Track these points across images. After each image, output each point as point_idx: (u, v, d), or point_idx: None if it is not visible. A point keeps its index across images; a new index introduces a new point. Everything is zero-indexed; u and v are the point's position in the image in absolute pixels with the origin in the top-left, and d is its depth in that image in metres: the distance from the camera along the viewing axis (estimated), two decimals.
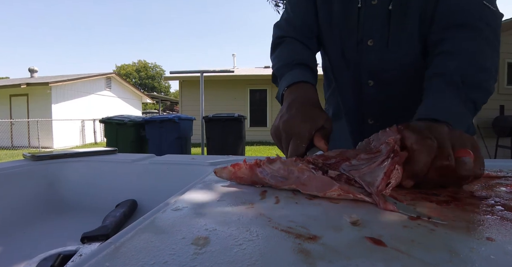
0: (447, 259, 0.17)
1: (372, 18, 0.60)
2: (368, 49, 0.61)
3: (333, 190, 0.28)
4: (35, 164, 0.57)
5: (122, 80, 13.94)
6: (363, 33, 0.61)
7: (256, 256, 0.17)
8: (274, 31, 0.73)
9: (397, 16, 0.57)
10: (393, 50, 0.60)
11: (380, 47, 0.60)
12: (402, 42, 0.59)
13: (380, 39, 0.60)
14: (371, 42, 0.61)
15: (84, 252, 0.34)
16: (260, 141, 9.24)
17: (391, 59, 0.61)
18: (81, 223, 0.50)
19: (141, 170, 0.58)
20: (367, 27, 0.60)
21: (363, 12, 0.60)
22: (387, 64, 0.61)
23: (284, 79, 0.60)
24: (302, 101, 0.50)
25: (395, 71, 0.62)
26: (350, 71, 0.66)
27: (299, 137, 0.44)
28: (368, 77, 0.64)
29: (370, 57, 0.62)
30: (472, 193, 0.31)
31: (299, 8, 0.69)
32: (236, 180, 0.36)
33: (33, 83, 9.62)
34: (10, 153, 7.90)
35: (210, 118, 4.20)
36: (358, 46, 0.62)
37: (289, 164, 0.34)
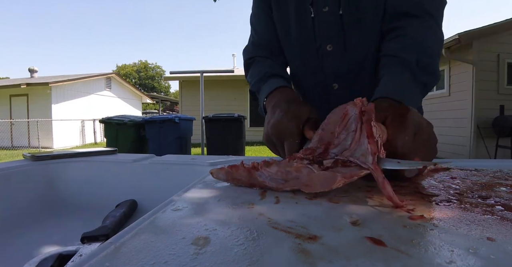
0: (447, 259, 0.17)
1: (325, 24, 0.62)
2: (328, 54, 0.64)
3: (337, 182, 0.28)
4: (35, 164, 0.57)
5: (122, 80, 13.94)
6: (321, 39, 0.64)
7: (256, 256, 0.17)
8: (243, 55, 0.77)
9: (349, 18, 0.60)
10: (352, 52, 0.62)
11: (339, 50, 0.63)
12: (360, 42, 0.62)
13: (337, 43, 0.63)
14: (330, 46, 0.63)
15: (84, 252, 0.34)
16: (260, 141, 9.23)
17: (352, 60, 0.63)
18: (81, 223, 0.50)
19: (141, 170, 0.58)
20: (323, 33, 0.63)
21: (317, 20, 0.63)
22: (349, 66, 0.64)
23: (262, 91, 0.63)
24: (283, 101, 0.51)
25: (357, 71, 0.64)
26: (314, 77, 0.68)
27: (289, 135, 0.45)
28: (332, 81, 0.66)
29: (331, 61, 0.64)
30: (472, 193, 0.31)
31: (261, 29, 0.73)
32: (233, 181, 0.36)
33: (33, 83, 9.62)
34: (10, 153, 7.90)
35: (210, 118, 4.19)
36: (318, 52, 0.65)
37: (285, 165, 0.33)
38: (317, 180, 0.30)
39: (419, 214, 0.24)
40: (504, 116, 4.64)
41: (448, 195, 0.30)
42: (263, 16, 0.72)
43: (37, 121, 9.05)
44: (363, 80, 0.64)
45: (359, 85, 0.64)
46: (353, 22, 0.60)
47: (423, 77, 0.50)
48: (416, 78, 0.50)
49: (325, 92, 0.68)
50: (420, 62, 0.50)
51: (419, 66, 0.50)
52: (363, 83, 0.64)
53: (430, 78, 0.52)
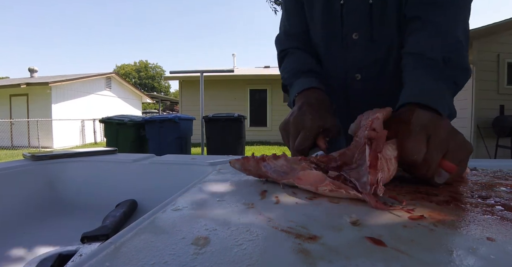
0: (447, 259, 0.17)
1: (354, 12, 0.61)
2: (354, 43, 0.63)
3: (324, 184, 0.29)
4: (35, 164, 0.57)
5: (122, 80, 13.94)
6: (347, 27, 0.62)
7: (256, 256, 0.17)
8: (276, 45, 0.76)
9: (378, 8, 0.59)
10: (377, 43, 0.61)
11: (365, 40, 0.62)
12: (385, 33, 0.60)
13: (364, 32, 0.61)
14: (356, 35, 0.62)
15: (84, 252, 0.34)
16: (260, 141, 9.24)
17: (377, 51, 0.62)
18: (81, 223, 0.50)
19: (141, 170, 0.58)
20: (350, 21, 0.62)
21: (345, 7, 0.61)
22: (373, 57, 0.62)
23: (293, 88, 0.62)
24: (313, 103, 0.52)
25: (381, 63, 0.63)
26: (337, 66, 0.67)
27: (308, 130, 0.46)
28: (355, 71, 0.65)
29: (356, 51, 0.63)
30: (472, 193, 0.31)
31: (293, 18, 0.72)
32: (245, 171, 0.39)
33: (33, 83, 9.61)
34: (10, 153, 7.89)
35: (210, 118, 4.19)
36: (343, 41, 0.64)
37: (292, 162, 0.35)
38: (308, 176, 0.31)
39: (419, 214, 0.24)
40: (504, 116, 4.64)
41: (448, 195, 0.30)
42: (293, 4, 0.71)
43: (37, 121, 9.04)
44: (386, 72, 0.63)
45: (381, 77, 0.63)
46: (381, 11, 0.59)
47: (452, 74, 0.47)
48: (444, 77, 0.46)
49: (346, 82, 0.67)
50: (447, 59, 0.47)
51: (447, 63, 0.47)
52: (386, 75, 0.63)
53: (460, 75, 0.48)
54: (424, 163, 0.32)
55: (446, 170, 0.32)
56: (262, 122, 9.56)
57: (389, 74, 0.63)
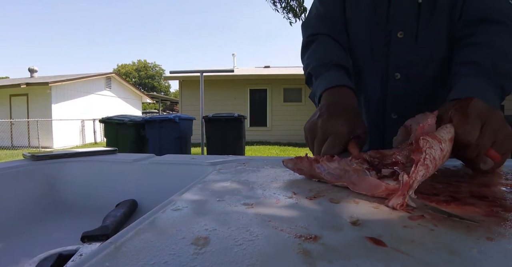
0: (447, 259, 0.17)
1: (402, 10, 0.60)
2: (397, 41, 0.62)
3: (381, 191, 0.29)
4: (35, 164, 0.57)
5: (122, 80, 13.94)
6: (392, 24, 0.61)
7: (256, 256, 0.17)
8: (304, 30, 0.73)
9: (426, 10, 0.59)
10: (421, 44, 0.60)
11: (410, 40, 0.61)
12: (431, 36, 0.60)
13: (410, 32, 0.60)
14: (401, 34, 0.61)
15: (84, 251, 0.34)
16: (260, 141, 9.23)
17: (420, 53, 0.61)
18: (81, 223, 0.50)
19: (141, 170, 0.58)
20: (397, 18, 0.61)
21: (394, 3, 0.60)
22: (415, 58, 0.62)
23: (322, 81, 0.59)
24: (343, 106, 0.50)
25: (422, 65, 0.62)
26: (377, 63, 0.66)
27: (338, 136, 0.44)
28: (395, 70, 0.64)
29: (399, 49, 0.62)
30: (472, 193, 0.31)
31: (328, 3, 0.69)
32: (297, 171, 0.40)
33: (33, 83, 9.61)
34: (10, 153, 7.90)
35: (210, 118, 4.19)
36: (386, 38, 0.62)
37: (345, 164, 0.34)
38: (364, 183, 0.31)
39: (419, 214, 0.24)
40: (505, 116, 4.63)
41: (448, 195, 0.30)
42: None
43: (37, 121, 9.04)
44: (426, 75, 0.62)
45: (421, 79, 0.63)
46: (429, 14, 0.59)
47: (500, 80, 0.48)
48: (493, 82, 0.48)
49: (385, 80, 0.65)
50: (496, 67, 0.48)
51: (496, 70, 0.48)
52: (425, 78, 0.63)
53: (508, 82, 0.49)
54: (475, 147, 0.33)
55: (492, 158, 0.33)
56: (262, 122, 9.56)
57: (429, 77, 0.63)
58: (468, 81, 0.48)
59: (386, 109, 0.67)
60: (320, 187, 0.34)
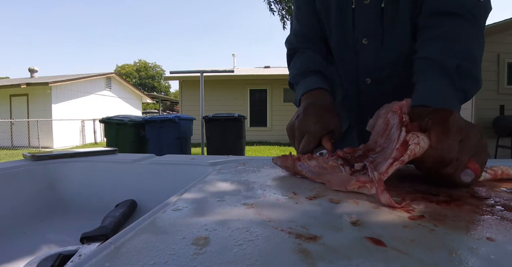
0: (447, 259, 0.17)
1: (365, 17, 0.62)
2: (363, 48, 0.63)
3: (351, 184, 0.31)
4: (35, 164, 0.57)
5: (122, 80, 13.93)
6: (358, 32, 0.63)
7: (256, 256, 0.17)
8: (286, 45, 0.78)
9: (389, 13, 0.59)
10: (388, 48, 0.62)
11: (375, 45, 0.62)
12: (396, 38, 0.61)
13: (374, 37, 0.62)
14: (366, 40, 0.63)
15: (83, 252, 0.34)
16: (260, 141, 9.23)
17: (387, 56, 0.62)
18: (81, 223, 0.50)
19: (141, 170, 0.58)
20: (361, 26, 0.62)
21: (357, 12, 0.62)
22: (383, 62, 0.63)
23: (300, 87, 0.64)
24: (318, 105, 0.54)
25: (391, 68, 0.63)
26: (348, 70, 0.68)
27: (311, 134, 0.49)
28: (365, 75, 0.66)
29: (366, 55, 0.64)
30: (472, 193, 0.31)
31: (303, 20, 0.73)
32: (284, 168, 0.43)
33: (33, 83, 9.61)
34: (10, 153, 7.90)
35: (210, 118, 4.19)
36: (354, 45, 0.64)
37: (322, 162, 0.38)
38: (336, 179, 0.33)
39: (419, 214, 0.24)
40: (504, 116, 4.64)
41: (448, 195, 0.30)
42: (305, 8, 0.72)
43: (37, 121, 9.04)
44: (396, 76, 0.64)
45: (391, 81, 0.64)
46: (392, 17, 0.60)
47: (463, 84, 0.48)
48: (455, 85, 0.47)
49: (357, 85, 0.68)
50: (460, 68, 0.47)
51: (460, 72, 0.47)
52: (395, 79, 0.64)
53: (471, 86, 0.49)
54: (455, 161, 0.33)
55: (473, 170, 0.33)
56: (262, 122, 9.56)
57: (399, 79, 0.63)
58: (431, 85, 0.48)
59: (362, 113, 0.71)
60: (320, 187, 0.34)
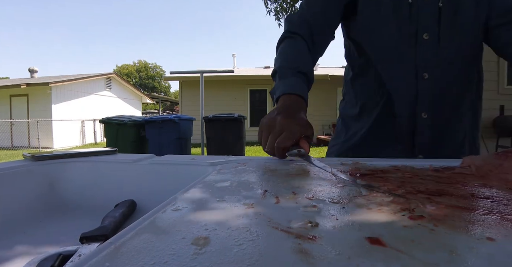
0: (447, 259, 0.17)
1: (423, 13, 0.64)
2: (423, 42, 0.65)
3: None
4: (35, 164, 0.57)
5: (122, 80, 13.94)
6: (417, 26, 0.64)
7: (256, 256, 0.17)
8: (286, 24, 0.76)
9: (447, 11, 0.62)
10: (444, 46, 0.64)
11: (434, 40, 0.64)
12: (455, 36, 0.63)
13: (433, 33, 0.64)
14: (426, 35, 0.64)
15: (83, 252, 0.34)
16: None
17: (445, 52, 0.64)
18: (81, 223, 0.50)
19: (141, 170, 0.58)
20: (422, 20, 0.64)
21: (415, 6, 0.64)
22: (441, 58, 0.64)
23: (284, 83, 0.65)
24: (298, 110, 0.57)
25: (449, 65, 0.65)
26: (403, 66, 0.68)
27: (292, 132, 0.51)
28: (423, 70, 0.66)
29: (425, 50, 0.65)
30: (472, 193, 0.31)
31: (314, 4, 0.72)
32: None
33: (33, 83, 9.62)
34: (10, 153, 7.90)
35: (210, 118, 4.20)
36: (411, 40, 0.65)
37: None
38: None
39: (419, 214, 0.24)
40: (505, 116, 4.64)
41: (448, 195, 0.30)
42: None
43: (37, 121, 9.04)
44: (454, 73, 0.65)
45: (448, 77, 0.65)
46: (450, 14, 0.62)
47: None
48: None
49: (413, 81, 0.68)
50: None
51: None
52: (452, 76, 0.65)
53: None
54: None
55: None
56: None
57: (457, 76, 0.65)
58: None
59: (416, 109, 0.69)
60: (320, 187, 0.34)
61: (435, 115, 0.68)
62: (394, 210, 0.25)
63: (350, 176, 0.36)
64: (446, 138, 0.69)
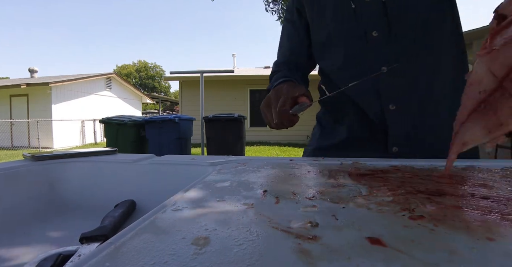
0: (447, 259, 0.17)
1: (368, 13, 0.65)
2: (374, 39, 0.66)
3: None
4: (35, 164, 0.57)
5: (122, 80, 13.94)
6: (364, 26, 0.66)
7: (256, 256, 0.17)
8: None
9: (394, 6, 0.63)
10: (399, 37, 0.64)
11: (385, 36, 0.65)
12: (408, 28, 0.63)
13: (382, 29, 0.65)
14: (375, 33, 0.65)
15: (83, 252, 0.34)
16: (260, 141, 9.23)
17: (399, 45, 0.65)
18: (81, 223, 0.50)
19: (141, 170, 0.58)
20: (366, 20, 0.65)
21: (358, 9, 0.65)
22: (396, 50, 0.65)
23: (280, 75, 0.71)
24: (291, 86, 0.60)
25: (406, 56, 0.65)
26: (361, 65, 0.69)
27: (285, 96, 0.55)
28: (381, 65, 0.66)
29: (378, 46, 0.66)
30: (473, 193, 0.31)
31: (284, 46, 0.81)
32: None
33: (33, 83, 9.62)
34: (10, 153, 7.90)
35: (210, 118, 4.20)
36: (362, 39, 0.67)
37: None
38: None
39: (419, 214, 0.24)
40: None
41: (448, 195, 0.30)
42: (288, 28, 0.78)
43: (37, 121, 9.04)
44: (413, 64, 0.65)
45: (408, 68, 0.65)
46: (398, 9, 0.63)
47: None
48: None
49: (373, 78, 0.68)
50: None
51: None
52: (412, 67, 0.66)
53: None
54: None
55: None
56: (262, 123, 9.55)
57: (416, 67, 0.65)
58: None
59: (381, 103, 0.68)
60: (320, 187, 0.34)
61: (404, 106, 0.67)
62: (394, 210, 0.25)
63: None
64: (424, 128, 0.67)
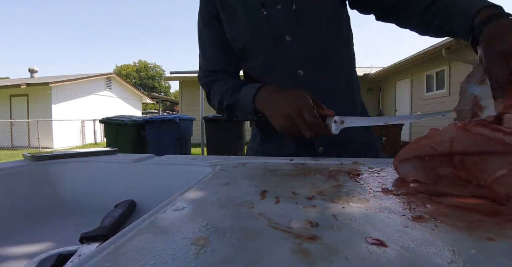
0: (448, 259, 0.17)
1: (280, 19, 0.65)
2: (288, 43, 0.66)
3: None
4: (35, 164, 0.57)
5: (122, 81, 13.95)
6: (278, 32, 0.66)
7: (256, 256, 0.17)
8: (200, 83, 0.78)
9: (304, 12, 0.64)
10: (312, 41, 0.65)
11: (299, 40, 0.65)
12: (320, 31, 0.65)
13: (295, 34, 0.65)
14: (289, 37, 0.66)
15: (82, 252, 0.34)
16: None
17: (313, 49, 0.66)
18: (81, 223, 0.50)
19: (141, 170, 0.58)
20: (279, 26, 0.65)
21: (270, 16, 0.65)
22: (310, 53, 0.66)
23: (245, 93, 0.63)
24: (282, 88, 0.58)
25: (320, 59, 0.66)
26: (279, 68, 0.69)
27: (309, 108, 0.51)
28: (297, 68, 0.67)
29: (293, 50, 0.66)
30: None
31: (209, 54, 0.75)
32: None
33: (33, 83, 9.62)
34: (10, 153, 7.90)
35: (210, 118, 4.20)
36: (277, 44, 0.66)
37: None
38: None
39: (419, 214, 0.24)
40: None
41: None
42: (210, 35, 0.73)
43: (37, 121, 9.04)
44: (328, 66, 0.67)
45: (324, 71, 0.67)
46: (308, 13, 0.64)
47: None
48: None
49: (292, 81, 0.68)
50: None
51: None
52: (328, 69, 0.67)
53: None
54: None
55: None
56: None
57: (331, 70, 0.67)
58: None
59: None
60: (320, 187, 0.34)
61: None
62: (394, 210, 0.25)
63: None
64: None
